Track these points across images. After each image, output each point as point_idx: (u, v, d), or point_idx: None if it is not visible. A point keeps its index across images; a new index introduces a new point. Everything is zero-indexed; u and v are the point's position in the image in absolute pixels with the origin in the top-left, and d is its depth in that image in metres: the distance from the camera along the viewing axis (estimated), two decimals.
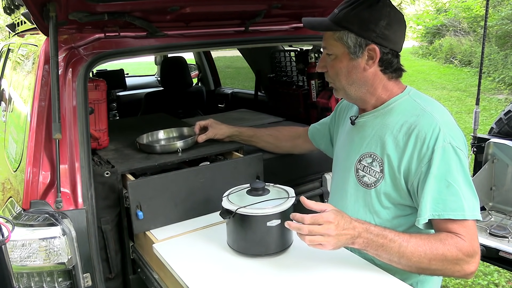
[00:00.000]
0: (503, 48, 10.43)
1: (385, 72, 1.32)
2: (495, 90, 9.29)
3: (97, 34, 1.78)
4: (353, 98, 1.39)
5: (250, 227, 1.33)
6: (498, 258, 1.98)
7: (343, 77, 1.34)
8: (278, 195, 1.40)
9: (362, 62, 1.30)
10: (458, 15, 14.29)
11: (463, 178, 1.21)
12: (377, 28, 1.26)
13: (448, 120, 1.27)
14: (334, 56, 1.33)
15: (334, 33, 1.31)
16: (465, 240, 1.17)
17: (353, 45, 1.28)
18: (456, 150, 1.21)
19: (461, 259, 1.16)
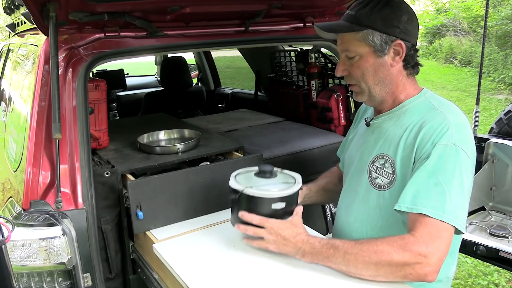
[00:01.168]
0: (503, 48, 10.43)
1: (406, 68, 1.33)
2: (495, 90, 9.29)
3: (97, 34, 1.78)
4: (376, 100, 1.36)
5: (255, 208, 1.32)
6: (498, 258, 1.98)
7: (369, 76, 1.32)
8: (285, 180, 1.41)
9: (389, 59, 1.30)
10: (458, 15, 14.29)
11: (457, 182, 1.17)
12: (400, 23, 1.27)
13: (461, 122, 1.24)
14: (358, 57, 1.31)
15: (356, 34, 1.29)
16: (419, 239, 1.12)
17: (379, 43, 1.27)
18: (459, 152, 1.18)
19: (410, 260, 1.11)
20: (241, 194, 1.33)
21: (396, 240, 1.14)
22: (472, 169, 1.21)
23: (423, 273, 1.11)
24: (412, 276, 1.12)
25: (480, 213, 2.33)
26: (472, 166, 1.21)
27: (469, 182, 1.21)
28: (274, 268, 1.30)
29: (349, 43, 1.32)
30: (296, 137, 2.29)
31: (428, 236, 1.12)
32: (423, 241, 1.11)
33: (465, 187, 1.18)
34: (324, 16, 2.28)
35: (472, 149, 1.22)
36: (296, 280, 1.24)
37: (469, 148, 1.20)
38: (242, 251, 1.41)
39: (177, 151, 1.88)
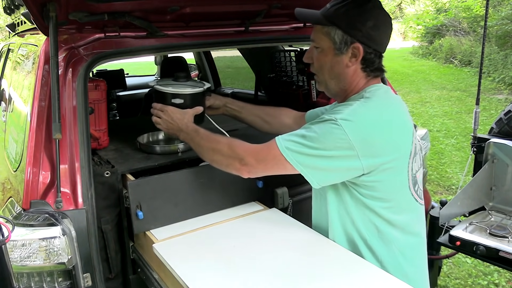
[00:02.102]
0: (503, 48, 10.43)
1: (365, 70, 1.37)
2: (495, 90, 9.29)
3: (97, 34, 1.78)
4: (332, 93, 1.45)
5: (161, 101, 1.71)
6: (498, 258, 1.98)
7: (326, 70, 1.40)
8: (195, 85, 1.79)
9: (346, 59, 1.35)
10: (458, 15, 14.30)
11: (315, 135, 1.26)
12: (364, 28, 1.31)
13: (359, 110, 1.29)
14: (320, 49, 1.38)
15: (323, 27, 1.36)
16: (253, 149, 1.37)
17: (339, 41, 1.33)
18: (335, 126, 1.24)
19: (231, 155, 1.40)
20: (153, 89, 1.74)
21: (235, 141, 1.43)
22: (349, 149, 1.24)
23: (236, 169, 1.40)
24: (232, 167, 1.41)
25: (480, 213, 2.33)
26: (351, 148, 1.24)
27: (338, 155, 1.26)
28: (274, 268, 1.30)
29: (316, 35, 1.39)
30: None
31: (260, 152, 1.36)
32: (253, 152, 1.37)
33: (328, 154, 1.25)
34: None
35: (354, 133, 1.24)
36: (296, 280, 1.24)
37: (350, 130, 1.24)
38: (242, 251, 1.41)
39: (177, 151, 1.88)
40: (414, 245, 1.43)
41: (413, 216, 1.41)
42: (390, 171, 1.30)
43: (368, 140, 1.25)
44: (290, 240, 1.47)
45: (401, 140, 1.34)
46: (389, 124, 1.31)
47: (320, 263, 1.32)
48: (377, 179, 1.29)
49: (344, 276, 1.26)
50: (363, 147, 1.24)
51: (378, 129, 1.28)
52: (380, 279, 1.24)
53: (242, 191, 1.78)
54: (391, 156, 1.29)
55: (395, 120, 1.34)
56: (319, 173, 1.29)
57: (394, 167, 1.31)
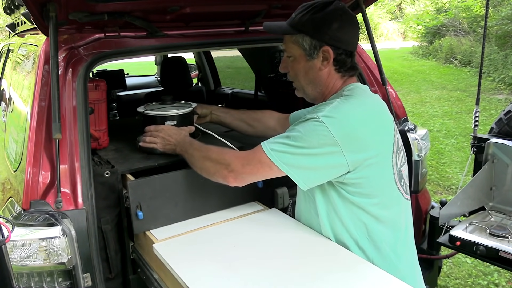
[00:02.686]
0: (503, 48, 10.43)
1: (339, 71, 1.41)
2: (495, 90, 9.29)
3: (97, 34, 1.78)
4: (310, 97, 1.50)
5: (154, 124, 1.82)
6: (498, 258, 1.98)
7: (301, 77, 1.45)
8: (182, 106, 1.91)
9: (318, 63, 1.39)
10: (458, 15, 14.30)
11: (299, 134, 1.28)
12: (330, 30, 1.35)
13: (340, 107, 1.32)
14: (293, 58, 1.43)
15: (291, 36, 1.41)
16: (236, 155, 1.41)
17: (308, 47, 1.38)
18: (318, 123, 1.27)
19: (219, 162, 1.43)
20: (143, 115, 1.85)
21: (225, 149, 1.49)
22: (333, 145, 1.26)
23: (223, 176, 1.42)
24: (220, 175, 1.44)
25: (480, 213, 2.33)
26: (334, 144, 1.26)
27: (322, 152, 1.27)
28: (274, 268, 1.30)
29: (286, 44, 1.45)
30: None
31: (246, 157, 1.39)
32: (237, 158, 1.40)
33: (314, 152, 1.27)
34: None
35: (337, 129, 1.26)
36: (296, 280, 1.24)
37: (333, 126, 1.26)
38: (242, 251, 1.41)
39: None
40: (403, 240, 1.45)
41: (400, 211, 1.44)
42: (374, 166, 1.32)
43: (351, 135, 1.28)
44: (290, 240, 1.47)
45: (383, 134, 1.38)
46: (370, 119, 1.35)
47: (320, 263, 1.32)
48: (363, 175, 1.31)
49: (344, 276, 1.26)
50: (347, 143, 1.27)
51: (360, 124, 1.31)
52: (380, 279, 1.24)
53: (242, 191, 1.78)
54: (374, 151, 1.32)
55: (375, 115, 1.38)
56: (305, 172, 1.31)
57: (378, 162, 1.33)
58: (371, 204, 1.36)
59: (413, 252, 1.52)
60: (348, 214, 1.36)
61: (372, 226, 1.37)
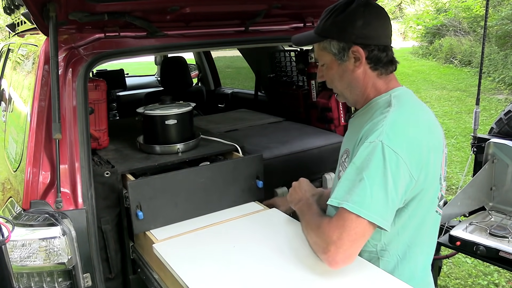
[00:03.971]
0: (503, 48, 10.42)
1: (376, 69, 1.34)
2: (495, 90, 9.29)
3: (97, 34, 1.78)
4: (351, 102, 1.43)
5: (154, 125, 1.89)
6: (498, 258, 1.98)
7: (337, 82, 1.39)
8: (180, 105, 1.95)
9: (350, 65, 1.33)
10: (458, 15, 14.29)
11: (381, 179, 1.16)
12: (355, 29, 1.30)
13: (398, 121, 1.23)
14: (325, 65, 1.39)
15: (319, 44, 1.38)
16: (331, 227, 1.19)
17: (337, 51, 1.33)
18: (385, 150, 1.17)
19: (321, 244, 1.22)
20: (143, 115, 1.89)
21: (323, 218, 1.28)
22: (403, 166, 1.17)
23: (324, 258, 1.20)
24: (320, 254, 1.23)
25: (480, 213, 2.33)
26: (403, 163, 1.17)
27: (397, 178, 1.17)
28: (274, 268, 1.30)
29: (317, 53, 1.41)
30: (296, 137, 2.30)
31: (337, 227, 1.18)
32: (333, 231, 1.18)
33: (389, 183, 1.16)
34: None
35: (403, 148, 1.18)
36: (295, 280, 1.24)
37: (398, 145, 1.18)
38: (242, 251, 1.41)
39: (177, 151, 1.88)
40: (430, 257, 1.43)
41: (434, 228, 1.40)
42: (426, 184, 1.25)
43: (413, 148, 1.21)
44: (290, 240, 1.47)
45: (436, 149, 1.29)
46: (426, 131, 1.28)
47: (320, 263, 1.32)
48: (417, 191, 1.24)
49: (344, 276, 1.26)
50: (411, 156, 1.19)
51: (419, 137, 1.24)
52: (380, 279, 1.24)
53: (242, 191, 1.78)
54: (430, 166, 1.25)
55: (431, 126, 1.31)
56: (389, 209, 1.19)
57: (428, 179, 1.26)
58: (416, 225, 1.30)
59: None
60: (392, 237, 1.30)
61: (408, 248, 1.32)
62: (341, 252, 1.17)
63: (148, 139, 1.94)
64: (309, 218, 1.36)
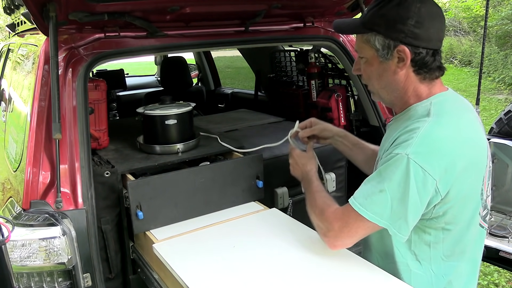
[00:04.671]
0: (503, 48, 10.42)
1: (419, 73, 1.22)
2: (495, 90, 9.28)
3: (97, 34, 1.78)
4: (387, 102, 1.35)
5: (154, 125, 1.90)
6: (498, 258, 1.98)
7: (375, 80, 1.28)
8: (180, 105, 1.96)
9: (393, 65, 1.21)
10: (458, 15, 14.28)
11: (401, 193, 1.13)
12: (405, 27, 1.16)
13: (432, 135, 1.15)
14: (365, 60, 1.27)
15: (362, 36, 1.25)
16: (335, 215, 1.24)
17: (381, 47, 1.20)
18: (410, 165, 1.11)
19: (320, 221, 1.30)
20: (143, 115, 1.90)
21: (328, 204, 1.31)
22: (430, 181, 1.12)
23: (325, 240, 1.29)
24: (319, 234, 1.32)
25: None
26: (430, 179, 1.12)
27: (420, 193, 1.13)
28: (274, 268, 1.30)
29: (358, 44, 1.29)
30: None
31: (341, 220, 1.23)
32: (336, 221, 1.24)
33: (410, 199, 1.13)
34: (324, 16, 2.28)
35: (433, 165, 1.12)
36: (296, 280, 1.24)
37: (428, 163, 1.12)
38: (242, 251, 1.41)
39: (177, 151, 1.88)
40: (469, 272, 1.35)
41: (477, 244, 1.33)
42: (463, 199, 1.20)
43: (446, 169, 1.13)
44: (290, 240, 1.47)
45: (477, 165, 1.22)
46: (466, 148, 1.18)
47: (320, 263, 1.32)
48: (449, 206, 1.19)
49: (344, 276, 1.26)
50: (442, 176, 1.13)
51: (455, 156, 1.15)
52: (380, 279, 1.24)
53: (242, 191, 1.78)
54: (467, 183, 1.19)
55: (471, 143, 1.20)
56: (405, 222, 1.15)
57: (467, 194, 1.21)
58: (451, 240, 1.25)
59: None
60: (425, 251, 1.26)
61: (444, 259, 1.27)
62: (339, 240, 1.25)
63: (148, 139, 1.94)
64: (312, 199, 1.39)
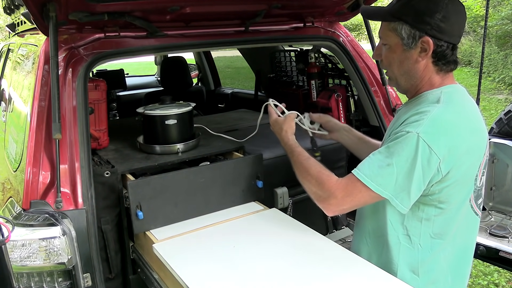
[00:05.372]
0: (503, 48, 10.42)
1: (437, 64, 1.32)
2: (495, 90, 9.29)
3: (97, 34, 1.78)
4: (403, 89, 1.41)
5: (154, 124, 1.89)
6: (498, 258, 1.98)
7: (395, 67, 1.36)
8: (180, 105, 1.95)
9: (415, 54, 1.30)
10: None
11: (408, 168, 1.21)
12: (432, 20, 1.26)
13: (442, 118, 1.24)
14: (388, 46, 1.35)
15: (389, 24, 1.33)
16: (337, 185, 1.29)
17: (406, 36, 1.29)
18: (420, 142, 1.20)
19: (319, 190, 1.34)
20: (143, 115, 1.89)
21: (327, 175, 1.35)
22: (434, 160, 1.20)
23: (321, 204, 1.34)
24: (315, 197, 1.36)
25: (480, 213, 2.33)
26: (435, 158, 1.20)
27: (425, 170, 1.21)
28: (274, 268, 1.30)
29: (383, 31, 1.36)
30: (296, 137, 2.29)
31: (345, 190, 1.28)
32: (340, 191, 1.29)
33: (415, 174, 1.21)
34: (324, 16, 2.28)
35: (439, 145, 1.21)
36: (296, 280, 1.24)
37: (435, 143, 1.20)
38: (242, 251, 1.41)
39: (177, 151, 1.88)
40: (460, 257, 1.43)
41: (469, 230, 1.41)
42: (459, 182, 1.27)
43: (452, 150, 1.22)
44: (290, 240, 1.47)
45: (476, 150, 1.30)
46: (470, 133, 1.27)
47: (320, 263, 1.32)
48: (446, 188, 1.26)
49: (344, 276, 1.26)
50: (447, 156, 1.21)
51: (460, 139, 1.24)
52: (379, 278, 1.24)
53: (242, 191, 1.79)
54: (464, 167, 1.27)
55: (474, 129, 1.30)
56: (407, 194, 1.23)
57: (463, 178, 1.28)
58: (441, 219, 1.32)
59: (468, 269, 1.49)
60: (416, 227, 1.33)
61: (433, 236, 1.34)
62: (339, 207, 1.31)
63: (148, 139, 1.94)
64: (302, 167, 1.43)
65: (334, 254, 1.37)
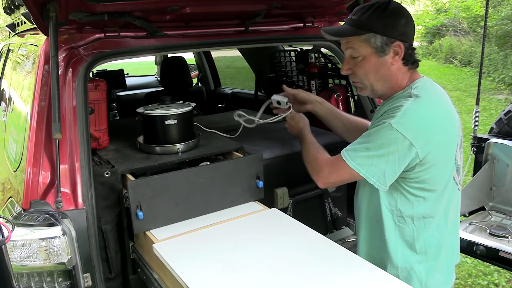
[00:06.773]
0: (503, 48, 10.42)
1: (406, 64, 1.46)
2: (495, 90, 9.29)
3: (97, 34, 1.78)
4: (379, 94, 1.53)
5: (154, 125, 1.87)
6: (498, 258, 1.98)
7: (372, 75, 1.47)
8: (179, 105, 1.93)
9: (389, 58, 1.44)
10: (458, 15, 14.28)
11: (383, 152, 1.37)
12: (399, 26, 1.42)
13: (412, 110, 1.37)
14: (361, 58, 1.46)
15: (359, 37, 1.44)
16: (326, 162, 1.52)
17: (380, 44, 1.42)
18: (392, 131, 1.35)
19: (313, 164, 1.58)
20: (143, 115, 1.87)
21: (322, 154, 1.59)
22: (408, 145, 1.35)
23: (315, 178, 1.56)
24: (310, 174, 1.59)
25: (480, 213, 2.33)
26: (408, 143, 1.35)
27: (399, 158, 1.37)
28: (274, 268, 1.30)
29: (353, 45, 1.47)
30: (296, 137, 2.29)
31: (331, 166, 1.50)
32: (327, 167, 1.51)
33: (389, 158, 1.37)
34: (324, 16, 2.28)
35: (411, 132, 1.35)
36: (296, 280, 1.24)
37: (407, 130, 1.35)
38: (242, 251, 1.41)
39: (177, 151, 1.88)
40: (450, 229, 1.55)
41: (454, 204, 1.54)
42: (440, 163, 1.41)
43: (423, 133, 1.37)
44: (290, 240, 1.47)
45: (451, 132, 1.44)
46: (440, 119, 1.41)
47: (320, 263, 1.32)
48: (428, 171, 1.40)
49: (344, 276, 1.26)
50: (419, 139, 1.35)
51: (430, 124, 1.38)
52: (379, 278, 1.24)
53: (242, 191, 1.79)
54: (442, 148, 1.41)
55: (445, 115, 1.44)
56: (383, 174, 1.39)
57: (444, 158, 1.42)
58: (431, 198, 1.45)
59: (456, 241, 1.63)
60: (408, 209, 1.46)
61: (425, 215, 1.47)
62: (327, 180, 1.54)
63: (148, 139, 1.94)
64: (307, 149, 1.66)
65: (334, 254, 1.37)
